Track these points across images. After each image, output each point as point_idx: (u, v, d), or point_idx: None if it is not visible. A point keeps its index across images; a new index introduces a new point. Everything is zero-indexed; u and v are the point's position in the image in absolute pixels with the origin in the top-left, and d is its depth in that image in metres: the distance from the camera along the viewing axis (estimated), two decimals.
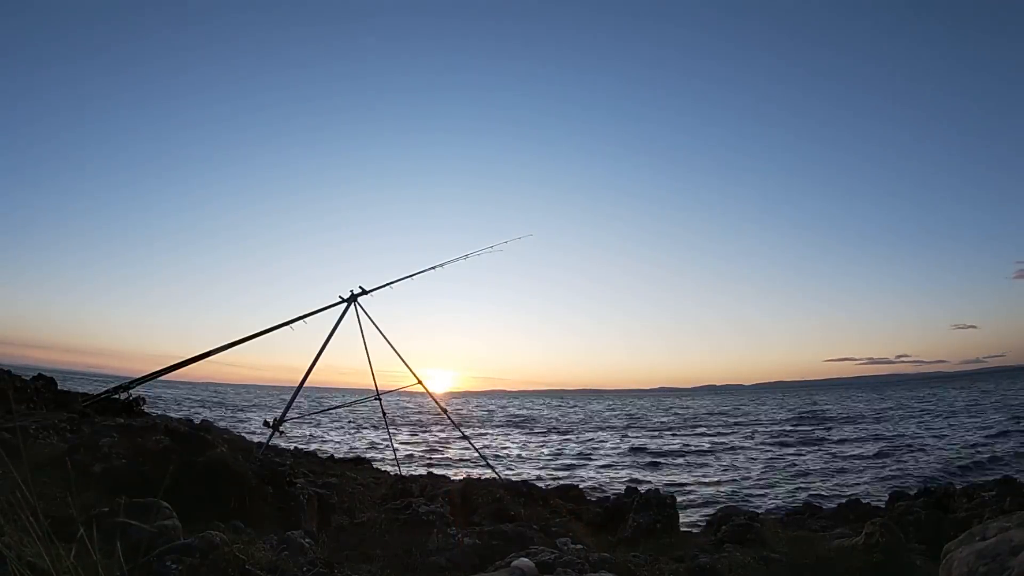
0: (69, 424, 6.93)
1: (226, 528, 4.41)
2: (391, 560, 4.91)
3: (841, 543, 5.34)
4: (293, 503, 5.94)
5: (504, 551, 4.90)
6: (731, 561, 5.16)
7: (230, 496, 5.33)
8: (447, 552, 5.03)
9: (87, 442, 5.86)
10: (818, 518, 8.50)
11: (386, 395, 9.86)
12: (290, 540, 4.48)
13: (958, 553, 3.38)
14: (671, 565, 5.20)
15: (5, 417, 6.52)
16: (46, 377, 9.63)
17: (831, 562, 4.92)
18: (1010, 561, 3.02)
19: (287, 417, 8.12)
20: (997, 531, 3.37)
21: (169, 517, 3.78)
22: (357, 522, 6.22)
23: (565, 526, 6.59)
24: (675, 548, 6.00)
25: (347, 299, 8.89)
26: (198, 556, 3.20)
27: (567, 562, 4.45)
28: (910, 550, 5.23)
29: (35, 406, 8.25)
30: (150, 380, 8.83)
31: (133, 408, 9.38)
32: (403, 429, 33.12)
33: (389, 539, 5.49)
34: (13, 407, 7.41)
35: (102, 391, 9.32)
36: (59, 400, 8.91)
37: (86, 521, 1.99)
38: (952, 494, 7.40)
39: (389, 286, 9.23)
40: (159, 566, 3.04)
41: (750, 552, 5.50)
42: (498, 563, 4.36)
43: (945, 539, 3.81)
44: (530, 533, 5.74)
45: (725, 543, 6.00)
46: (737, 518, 6.84)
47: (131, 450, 5.77)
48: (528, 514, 7.03)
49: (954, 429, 26.69)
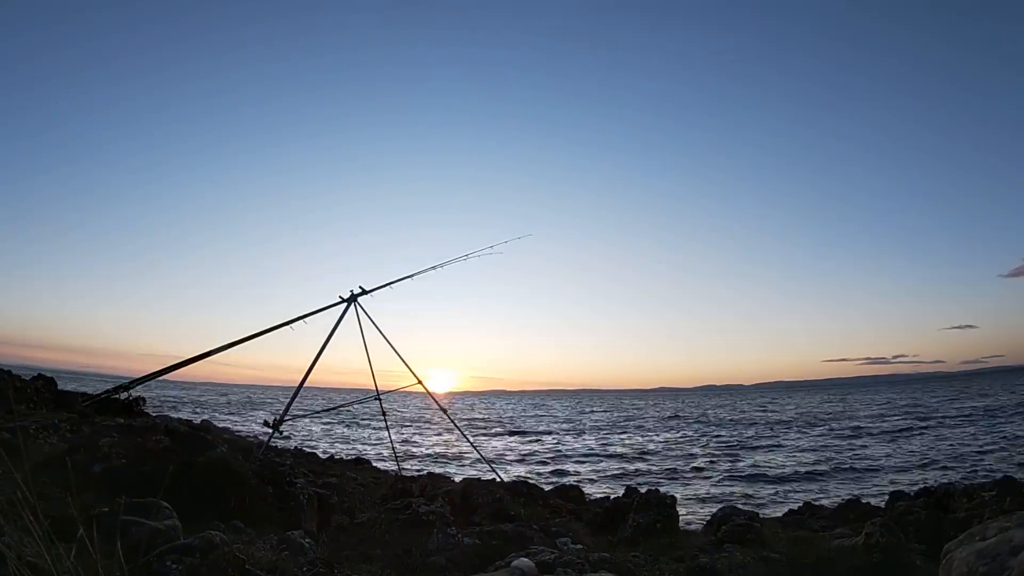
0: (69, 424, 6.94)
1: (226, 528, 4.42)
2: (391, 560, 4.91)
3: (841, 543, 5.35)
4: (293, 503, 5.94)
5: (504, 551, 4.90)
6: (731, 561, 5.16)
7: (230, 496, 5.33)
8: (447, 552, 5.04)
9: (87, 442, 5.86)
10: (818, 518, 8.50)
11: (386, 395, 9.88)
12: (290, 540, 4.48)
13: (958, 553, 3.38)
14: (671, 565, 5.21)
15: (5, 417, 6.53)
16: (46, 377, 9.63)
17: (831, 562, 4.93)
18: (1010, 561, 3.02)
19: (287, 417, 8.13)
20: (997, 531, 3.37)
21: (169, 517, 3.78)
22: (357, 522, 6.22)
23: (565, 526, 6.59)
24: (675, 548, 6.00)
25: (347, 299, 8.90)
26: (198, 556, 3.20)
27: (567, 562, 4.45)
28: (910, 550, 5.22)
29: (35, 406, 8.26)
30: (150, 380, 8.84)
31: (133, 408, 9.39)
32: (403, 429, 33.13)
33: (389, 539, 5.49)
34: (13, 407, 7.41)
35: (102, 391, 9.33)
36: (59, 400, 8.92)
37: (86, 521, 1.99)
38: (952, 494, 7.39)
39: (389, 286, 9.24)
40: (159, 566, 3.04)
41: (750, 552, 5.50)
42: (498, 563, 4.37)
43: (945, 539, 3.81)
44: (530, 533, 5.74)
45: (725, 543, 6.00)
46: (737, 518, 6.84)
47: (131, 450, 5.78)
48: (528, 514, 7.03)
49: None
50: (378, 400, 9.72)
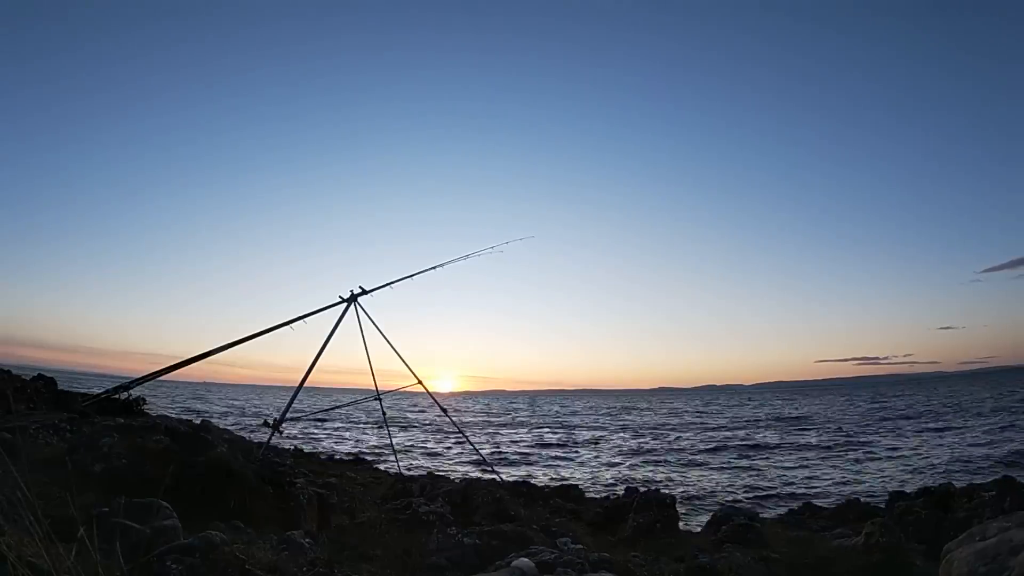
0: (69, 424, 6.94)
1: (226, 528, 4.41)
2: (391, 560, 4.91)
3: (841, 543, 5.35)
4: (293, 503, 5.94)
5: (504, 551, 4.90)
6: (731, 561, 5.16)
7: (230, 496, 5.33)
8: (447, 552, 5.03)
9: (87, 442, 5.86)
10: (818, 518, 8.51)
11: (386, 395, 9.86)
12: (290, 540, 4.48)
13: (958, 553, 3.38)
14: (671, 565, 5.20)
15: (5, 417, 6.53)
16: (46, 377, 9.64)
17: (831, 562, 4.92)
18: (1010, 561, 3.02)
19: (287, 417, 8.13)
20: (997, 531, 3.37)
21: (169, 517, 3.78)
22: (357, 522, 6.22)
23: (565, 526, 6.59)
24: (675, 548, 6.00)
25: (347, 299, 8.90)
26: (198, 556, 3.20)
27: (567, 562, 4.44)
28: (910, 550, 5.23)
29: (35, 406, 8.26)
30: (150, 380, 8.84)
31: (133, 408, 9.39)
32: (403, 429, 33.12)
33: (389, 539, 5.49)
34: (13, 407, 7.41)
35: (102, 391, 9.33)
36: (59, 400, 8.91)
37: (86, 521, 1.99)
38: (952, 494, 7.39)
39: (389, 286, 9.23)
40: (159, 566, 3.04)
41: (750, 552, 5.50)
42: (498, 563, 4.36)
43: (945, 539, 3.82)
44: (530, 533, 5.73)
45: (725, 543, 6.00)
46: (737, 518, 6.84)
47: (131, 450, 5.77)
48: (528, 514, 7.03)
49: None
50: (378, 400, 9.71)
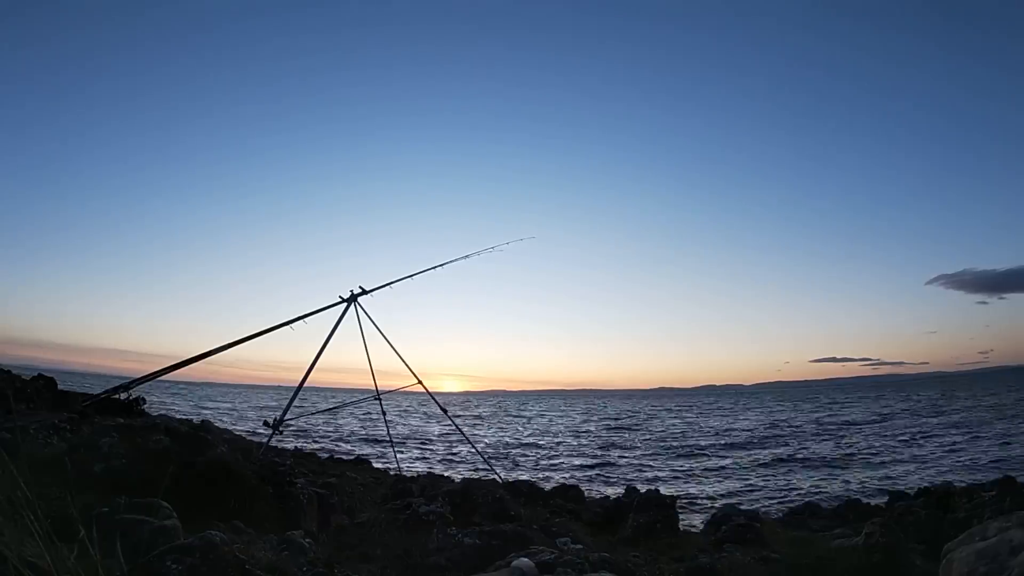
0: (69, 424, 6.93)
1: (226, 528, 4.41)
2: (391, 560, 4.91)
3: (841, 543, 5.34)
4: (293, 503, 5.94)
5: (504, 551, 4.90)
6: (731, 561, 5.16)
7: (230, 496, 5.33)
8: (447, 552, 5.03)
9: (87, 442, 5.85)
10: (818, 518, 8.51)
11: (386, 395, 9.88)
12: (290, 540, 4.48)
13: (958, 553, 3.38)
14: (671, 565, 5.20)
15: (5, 417, 6.52)
16: (46, 377, 9.62)
17: (831, 562, 4.91)
18: (1010, 561, 3.02)
19: (287, 417, 8.13)
20: (997, 531, 3.37)
21: (169, 517, 3.78)
22: (357, 522, 6.22)
23: (565, 526, 6.59)
24: (675, 548, 6.00)
25: (347, 299, 8.91)
26: (198, 556, 3.19)
27: (567, 562, 4.44)
28: (910, 550, 5.22)
29: (35, 406, 8.24)
30: (150, 380, 8.84)
31: (133, 408, 9.37)
32: (403, 429, 33.10)
33: (389, 539, 5.49)
34: (13, 407, 7.40)
35: (102, 391, 9.32)
36: (59, 400, 8.90)
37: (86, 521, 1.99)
38: (952, 494, 7.39)
39: (389, 286, 9.25)
40: (159, 566, 3.03)
41: (750, 552, 5.50)
42: (498, 563, 4.36)
43: (945, 539, 3.81)
44: (530, 533, 5.73)
45: (725, 543, 6.00)
46: (737, 518, 6.84)
47: (131, 450, 5.77)
48: (528, 514, 7.02)
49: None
50: (378, 400, 9.72)
